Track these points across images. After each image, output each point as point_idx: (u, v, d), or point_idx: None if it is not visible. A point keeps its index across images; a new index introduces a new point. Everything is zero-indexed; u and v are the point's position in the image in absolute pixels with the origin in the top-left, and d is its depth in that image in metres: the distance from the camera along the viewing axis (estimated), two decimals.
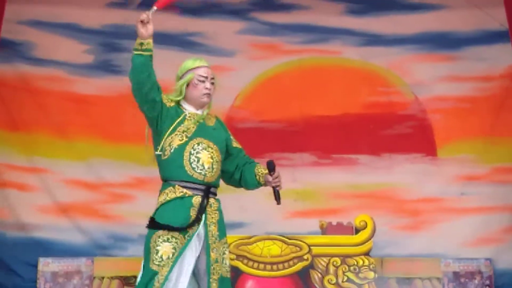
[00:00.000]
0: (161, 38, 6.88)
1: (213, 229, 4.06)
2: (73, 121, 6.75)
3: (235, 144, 4.30)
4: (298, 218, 6.73)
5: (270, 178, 4.13)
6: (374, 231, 6.09)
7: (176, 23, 6.90)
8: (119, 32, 6.83)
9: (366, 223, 6.10)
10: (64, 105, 6.75)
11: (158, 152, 4.14)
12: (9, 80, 6.71)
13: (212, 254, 4.03)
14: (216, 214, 4.10)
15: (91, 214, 6.64)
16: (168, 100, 4.20)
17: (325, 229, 6.26)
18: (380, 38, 6.97)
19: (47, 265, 6.36)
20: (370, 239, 6.10)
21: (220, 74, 4.34)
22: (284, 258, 6.04)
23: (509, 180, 6.73)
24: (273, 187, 4.12)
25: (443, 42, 6.93)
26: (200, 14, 6.92)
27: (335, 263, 6.05)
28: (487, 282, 6.44)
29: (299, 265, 6.05)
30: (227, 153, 4.23)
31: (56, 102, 6.74)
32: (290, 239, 6.08)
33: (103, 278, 6.37)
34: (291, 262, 6.06)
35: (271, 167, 4.12)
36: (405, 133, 6.94)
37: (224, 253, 4.11)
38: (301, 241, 6.08)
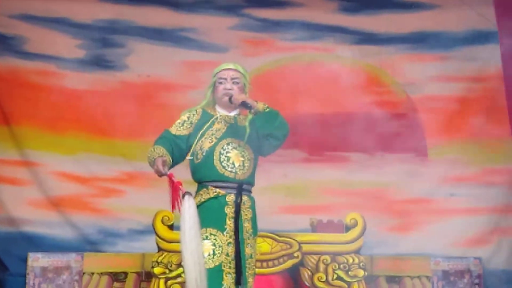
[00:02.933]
0: (154, 34, 6.95)
1: (247, 225, 4.23)
2: (64, 116, 6.74)
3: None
4: (289, 214, 6.74)
5: (236, 106, 4.26)
6: (364, 229, 6.09)
7: (169, 18, 6.90)
8: (112, 27, 6.83)
9: (357, 221, 6.09)
10: (55, 100, 6.73)
11: (189, 157, 4.27)
12: (0, 73, 6.68)
13: (247, 249, 4.20)
14: (249, 212, 4.27)
15: (81, 208, 6.63)
16: (193, 114, 4.32)
17: (315, 227, 6.25)
18: (373, 36, 6.99)
19: (36, 260, 6.33)
20: (360, 237, 6.08)
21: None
22: (274, 255, 6.02)
23: (498, 182, 6.77)
24: (240, 105, 4.21)
25: (435, 41, 6.95)
26: (193, 9, 6.92)
27: (325, 260, 6.04)
28: (477, 281, 6.46)
29: (289, 263, 6.04)
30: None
31: (47, 97, 6.73)
32: (280, 236, 6.06)
33: (92, 273, 6.35)
34: (281, 260, 6.04)
35: (230, 100, 4.26)
36: (397, 132, 6.95)
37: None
38: (291, 238, 6.06)
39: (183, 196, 4.04)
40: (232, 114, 4.34)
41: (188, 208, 4.02)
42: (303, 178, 6.88)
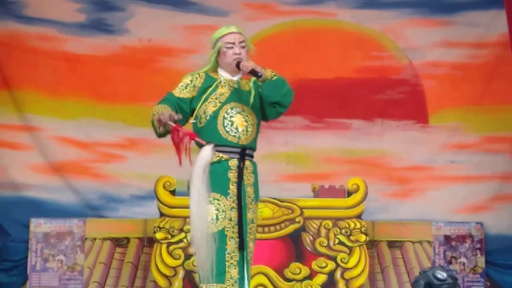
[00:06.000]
0: None
1: (250, 190, 4.22)
2: (64, 80, 6.69)
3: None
4: (290, 182, 6.73)
5: (244, 72, 4.24)
6: (366, 194, 6.11)
7: None
8: None
9: (358, 186, 6.11)
10: (56, 64, 6.68)
11: (193, 121, 4.24)
12: (0, 38, 6.63)
13: (248, 214, 4.19)
14: (251, 177, 4.25)
15: (83, 173, 6.61)
16: (196, 78, 4.28)
17: (317, 192, 6.26)
18: (375, 1, 6.93)
19: (39, 226, 6.33)
20: (362, 202, 6.11)
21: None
22: (275, 220, 6.04)
23: (499, 149, 6.75)
24: (249, 73, 4.18)
25: (438, 6, 6.90)
26: None
27: (326, 225, 6.06)
28: (478, 245, 6.48)
29: (291, 228, 6.06)
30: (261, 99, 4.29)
31: (47, 61, 6.67)
32: (282, 201, 6.08)
33: (95, 239, 6.36)
34: (282, 225, 6.06)
35: (237, 66, 4.22)
36: (398, 98, 6.93)
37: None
38: (293, 203, 6.08)
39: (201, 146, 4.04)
40: (235, 78, 4.31)
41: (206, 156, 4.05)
42: (304, 145, 6.86)
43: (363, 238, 6.03)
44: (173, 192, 6.00)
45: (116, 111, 6.71)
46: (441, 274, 4.09)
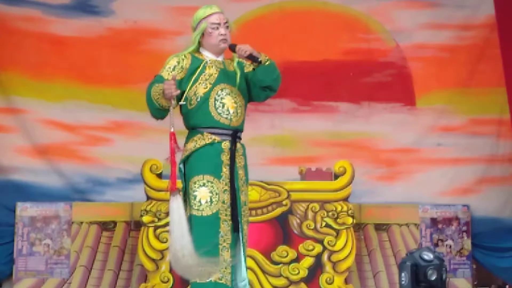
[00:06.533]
0: None
1: (241, 173, 4.22)
2: (51, 62, 6.62)
3: (247, 68, 4.31)
4: (277, 165, 6.72)
5: (240, 56, 4.17)
6: (353, 177, 6.10)
7: None
8: None
9: (345, 169, 6.10)
10: (41, 46, 6.61)
11: (182, 102, 4.18)
12: None
13: (241, 197, 4.19)
14: (242, 159, 4.25)
15: (69, 156, 6.56)
16: (182, 59, 4.21)
17: (304, 175, 6.26)
18: None
19: (25, 210, 6.29)
20: (349, 185, 6.11)
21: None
22: (262, 203, 6.04)
23: (485, 132, 6.77)
24: (246, 57, 4.14)
25: None
26: None
27: (313, 208, 6.06)
28: (464, 228, 6.50)
29: (278, 211, 6.06)
30: (248, 82, 4.28)
31: (32, 43, 6.60)
32: (269, 184, 6.07)
33: (81, 223, 6.33)
34: (269, 208, 6.06)
35: (232, 49, 4.18)
36: (385, 81, 6.93)
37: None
38: (280, 186, 6.07)
39: (171, 194, 4.04)
40: (220, 59, 4.28)
41: (177, 209, 4.02)
42: (291, 128, 6.85)
43: (350, 221, 6.04)
44: (159, 175, 5.98)
45: (102, 94, 6.66)
46: (428, 255, 4.10)
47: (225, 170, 4.14)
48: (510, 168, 6.69)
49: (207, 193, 4.09)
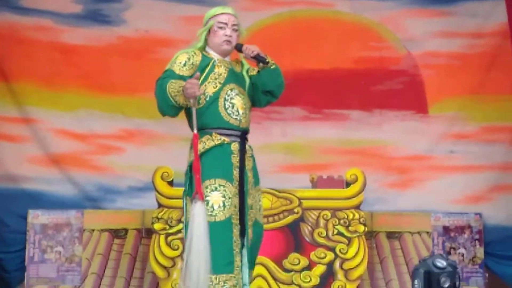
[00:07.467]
0: None
1: (250, 175, 4.12)
2: (61, 72, 6.66)
3: (252, 72, 4.27)
4: (288, 172, 6.72)
5: (246, 56, 4.13)
6: (364, 184, 6.08)
7: None
8: None
9: (357, 177, 6.09)
10: (52, 56, 6.65)
11: (200, 105, 4.07)
12: None
13: (248, 200, 4.08)
14: (250, 161, 4.15)
15: (81, 165, 6.60)
16: (192, 55, 4.13)
17: (316, 183, 6.24)
18: None
19: (36, 217, 6.32)
20: (360, 192, 6.08)
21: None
22: (274, 211, 6.03)
23: (497, 139, 6.74)
24: (253, 57, 4.10)
25: None
26: None
27: (325, 216, 6.05)
28: (477, 236, 6.46)
29: (289, 218, 6.05)
30: (253, 85, 4.22)
31: (44, 52, 6.64)
32: (280, 192, 6.06)
33: (93, 230, 6.35)
34: (281, 215, 6.05)
35: (239, 48, 4.14)
36: (397, 89, 6.93)
37: (260, 200, 4.19)
38: (291, 194, 6.06)
39: (193, 201, 3.95)
40: (227, 59, 4.22)
41: (203, 221, 3.93)
42: (302, 136, 6.85)
43: (361, 228, 6.02)
44: (171, 183, 5.98)
45: (113, 103, 6.70)
46: (441, 262, 4.09)
47: (235, 173, 4.04)
48: None
49: (219, 198, 3.97)
